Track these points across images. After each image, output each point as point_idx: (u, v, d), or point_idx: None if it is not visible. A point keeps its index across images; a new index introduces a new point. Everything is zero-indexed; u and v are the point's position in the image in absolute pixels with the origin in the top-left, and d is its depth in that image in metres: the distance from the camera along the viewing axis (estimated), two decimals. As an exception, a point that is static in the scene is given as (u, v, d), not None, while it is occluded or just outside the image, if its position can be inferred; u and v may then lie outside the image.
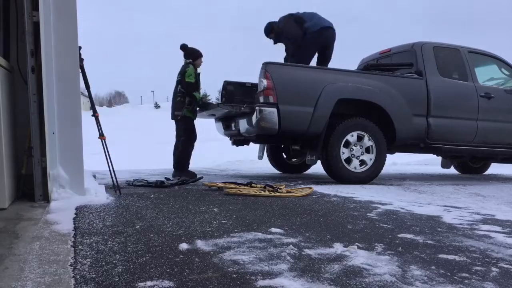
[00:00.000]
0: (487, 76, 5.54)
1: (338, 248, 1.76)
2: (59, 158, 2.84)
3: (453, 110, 5.01)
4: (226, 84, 5.59)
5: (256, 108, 4.28)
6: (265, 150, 6.15)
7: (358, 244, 1.81)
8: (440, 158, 6.31)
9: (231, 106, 4.66)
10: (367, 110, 4.67)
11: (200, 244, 1.78)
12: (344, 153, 4.51)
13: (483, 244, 1.89)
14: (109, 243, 1.77)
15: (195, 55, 4.97)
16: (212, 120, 5.76)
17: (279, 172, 6.30)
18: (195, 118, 4.96)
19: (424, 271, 1.47)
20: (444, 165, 6.40)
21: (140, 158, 9.78)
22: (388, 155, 4.87)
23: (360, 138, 4.57)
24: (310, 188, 3.79)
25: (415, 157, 8.06)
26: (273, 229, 2.09)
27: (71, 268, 1.42)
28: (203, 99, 5.50)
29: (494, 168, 7.20)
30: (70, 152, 2.88)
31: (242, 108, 4.50)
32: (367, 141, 4.58)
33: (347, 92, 4.52)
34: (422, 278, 1.39)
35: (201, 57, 5.00)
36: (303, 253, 1.67)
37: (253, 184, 3.81)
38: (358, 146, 4.57)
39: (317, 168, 5.45)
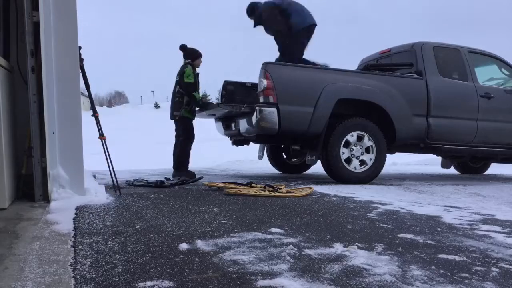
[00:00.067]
0: (487, 76, 5.54)
1: (338, 248, 1.76)
2: (59, 158, 2.84)
3: (453, 110, 5.01)
4: (226, 84, 5.59)
5: (256, 108, 4.28)
6: (265, 150, 6.15)
7: (358, 244, 1.81)
8: (440, 158, 6.31)
9: (231, 106, 4.66)
10: (367, 110, 4.67)
11: (200, 244, 1.78)
12: (344, 153, 4.50)
13: (483, 244, 1.89)
14: (109, 243, 1.77)
15: (194, 55, 4.97)
16: (212, 120, 5.76)
17: (279, 172, 6.30)
18: (194, 118, 4.96)
19: (424, 271, 1.47)
20: (444, 165, 6.40)
21: (140, 158, 9.77)
22: (388, 155, 4.87)
23: (360, 138, 4.57)
24: (310, 188, 3.79)
25: (415, 157, 8.06)
26: (273, 229, 2.09)
27: (71, 268, 1.42)
28: (203, 99, 5.52)
29: (494, 168, 7.20)
30: (70, 152, 2.88)
31: (242, 108, 4.50)
32: (367, 141, 4.58)
33: (347, 92, 4.52)
34: (422, 278, 1.39)
35: (200, 58, 5.00)
36: (303, 253, 1.67)
37: (253, 184, 3.81)
38: (358, 146, 4.57)
39: (317, 168, 5.45)
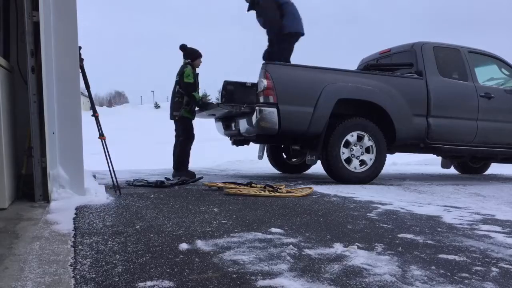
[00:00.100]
0: (487, 76, 5.54)
1: (338, 248, 1.76)
2: (59, 158, 2.84)
3: (453, 110, 5.01)
4: (226, 84, 5.58)
5: (256, 108, 4.28)
6: (265, 150, 6.15)
7: (358, 244, 1.81)
8: (440, 158, 6.32)
9: (231, 106, 4.66)
10: (367, 110, 4.67)
11: (200, 244, 1.78)
12: (344, 153, 4.50)
13: (483, 244, 1.89)
14: (109, 243, 1.77)
15: (194, 55, 4.96)
16: (212, 120, 5.76)
17: (279, 172, 6.30)
18: (194, 118, 4.96)
19: (424, 271, 1.47)
20: (444, 165, 6.40)
21: (140, 158, 9.78)
22: (388, 155, 4.87)
23: (360, 138, 4.57)
24: (310, 188, 3.79)
25: (415, 157, 8.06)
26: (273, 229, 2.09)
27: (71, 268, 1.42)
28: (203, 99, 5.49)
29: (494, 168, 7.20)
30: (70, 152, 2.88)
31: (242, 108, 4.50)
32: (367, 141, 4.58)
33: (347, 92, 4.52)
34: (422, 278, 1.39)
35: (200, 58, 5.00)
36: (303, 253, 1.67)
37: (253, 184, 3.81)
38: (358, 146, 4.57)
39: (317, 168, 5.45)
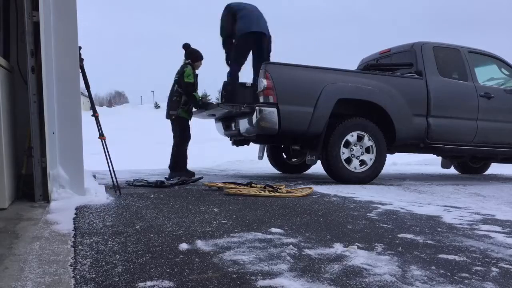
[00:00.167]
0: (487, 76, 5.54)
1: (338, 248, 1.76)
2: (59, 158, 2.84)
3: (453, 110, 5.01)
4: (226, 84, 5.58)
5: (256, 108, 4.28)
6: (265, 150, 6.15)
7: (358, 244, 1.81)
8: (440, 158, 6.32)
9: (231, 106, 4.66)
10: (367, 110, 4.67)
11: (200, 244, 1.78)
12: (344, 153, 4.51)
13: (483, 244, 1.89)
14: (109, 243, 1.77)
15: (195, 56, 4.94)
16: (212, 120, 5.76)
17: (279, 172, 6.30)
18: (190, 118, 4.96)
19: (424, 271, 1.47)
20: (444, 165, 6.40)
21: (140, 158, 9.77)
22: (388, 155, 4.87)
23: (360, 138, 4.57)
24: (310, 188, 3.79)
25: (415, 157, 8.06)
26: (273, 229, 2.09)
27: (71, 268, 1.42)
28: (203, 99, 5.46)
29: (494, 168, 7.20)
30: (70, 152, 2.88)
31: (242, 108, 4.50)
32: (367, 141, 4.58)
33: (347, 92, 4.52)
34: (422, 278, 1.39)
35: (201, 60, 4.98)
36: (303, 253, 1.67)
37: (253, 184, 3.81)
38: (358, 146, 4.57)
39: (317, 168, 5.45)
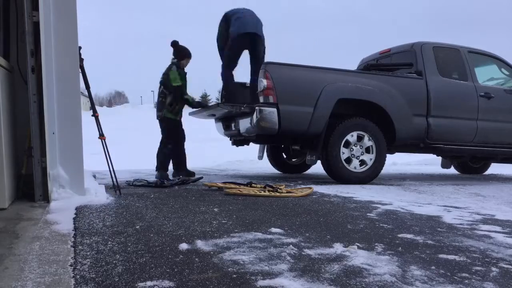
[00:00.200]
0: (487, 76, 5.54)
1: (338, 248, 1.76)
2: (59, 158, 2.84)
3: (453, 110, 5.01)
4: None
5: (256, 108, 4.28)
6: (265, 150, 6.15)
7: (358, 244, 1.81)
8: (440, 158, 6.32)
9: (231, 106, 4.66)
10: (367, 110, 4.67)
11: (200, 244, 1.78)
12: (344, 153, 4.51)
13: (483, 244, 1.89)
14: (109, 243, 1.77)
15: (182, 54, 4.77)
16: (212, 120, 5.76)
17: (279, 172, 6.30)
18: (178, 118, 4.82)
19: (424, 271, 1.47)
20: (444, 165, 6.40)
21: (140, 158, 9.75)
22: (388, 155, 4.87)
23: (360, 138, 4.57)
24: (310, 188, 3.79)
25: (415, 157, 8.06)
26: (273, 229, 2.09)
27: (71, 268, 1.42)
28: (196, 100, 5.07)
29: (494, 168, 7.20)
30: (70, 152, 2.88)
31: (242, 108, 4.50)
32: (367, 141, 4.58)
33: (347, 92, 4.52)
34: (422, 278, 1.39)
35: (188, 58, 4.80)
36: (303, 253, 1.67)
37: (253, 184, 3.81)
38: (358, 146, 4.57)
39: (317, 168, 5.45)
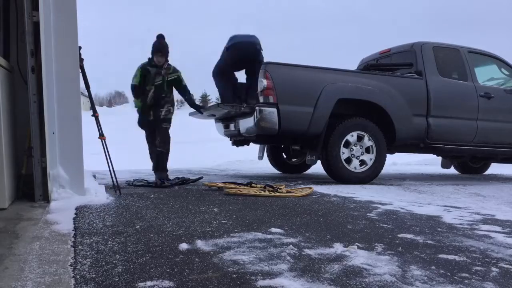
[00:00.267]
0: (487, 76, 5.54)
1: (338, 248, 1.76)
2: (59, 158, 2.84)
3: (453, 110, 5.01)
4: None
5: (256, 108, 4.28)
6: (265, 150, 6.15)
7: (358, 244, 1.81)
8: (440, 158, 6.32)
9: (231, 106, 4.66)
10: (367, 110, 4.67)
11: (200, 244, 1.78)
12: (344, 153, 4.50)
13: (483, 244, 1.89)
14: (109, 243, 1.77)
15: (152, 50, 4.42)
16: (212, 120, 5.76)
17: (279, 172, 6.30)
18: (147, 119, 4.52)
19: (424, 271, 1.47)
20: (444, 165, 6.40)
21: (140, 158, 9.75)
22: (388, 155, 4.87)
23: (360, 138, 4.57)
24: (310, 188, 3.79)
25: (415, 157, 8.05)
26: (273, 229, 2.09)
27: (71, 268, 1.42)
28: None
29: (494, 168, 7.20)
30: (70, 152, 2.88)
31: (242, 108, 4.50)
32: (367, 141, 4.58)
33: (347, 92, 4.52)
34: (422, 278, 1.39)
35: (157, 55, 4.38)
36: (303, 253, 1.67)
37: (253, 184, 3.81)
38: (358, 146, 4.57)
39: (317, 168, 5.45)
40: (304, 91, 4.38)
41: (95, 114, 3.47)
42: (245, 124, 4.61)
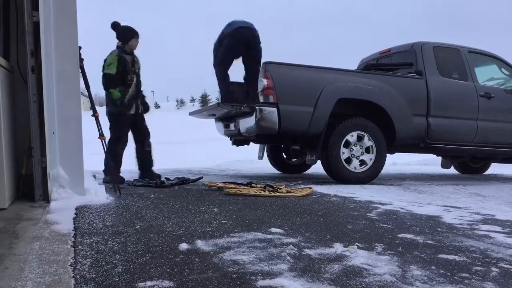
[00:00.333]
0: (487, 76, 5.54)
1: (338, 248, 1.76)
2: (59, 158, 2.84)
3: (453, 110, 5.01)
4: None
5: (256, 107, 4.28)
6: (265, 150, 6.15)
7: (358, 244, 1.81)
8: (440, 158, 6.32)
9: (231, 106, 4.66)
10: (367, 110, 4.67)
11: (200, 244, 1.78)
12: (344, 153, 4.50)
13: (483, 244, 1.89)
14: (109, 243, 1.77)
15: (126, 36, 4.01)
16: (212, 120, 5.76)
17: (279, 172, 6.30)
18: (125, 112, 4.10)
19: (424, 271, 1.47)
20: (444, 165, 6.40)
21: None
22: (388, 155, 4.87)
23: (360, 138, 4.57)
24: (310, 188, 3.79)
25: (415, 157, 8.05)
26: (273, 229, 2.09)
27: (71, 268, 1.42)
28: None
29: (494, 168, 7.20)
30: (70, 152, 2.88)
31: (242, 108, 4.50)
32: (367, 141, 4.58)
33: (347, 92, 4.52)
34: (422, 278, 1.39)
35: (136, 38, 4.02)
36: (303, 253, 1.67)
37: (253, 184, 3.81)
38: (358, 146, 4.57)
39: (317, 168, 5.45)
40: (304, 91, 4.38)
41: (95, 114, 3.47)
42: (245, 123, 4.61)
